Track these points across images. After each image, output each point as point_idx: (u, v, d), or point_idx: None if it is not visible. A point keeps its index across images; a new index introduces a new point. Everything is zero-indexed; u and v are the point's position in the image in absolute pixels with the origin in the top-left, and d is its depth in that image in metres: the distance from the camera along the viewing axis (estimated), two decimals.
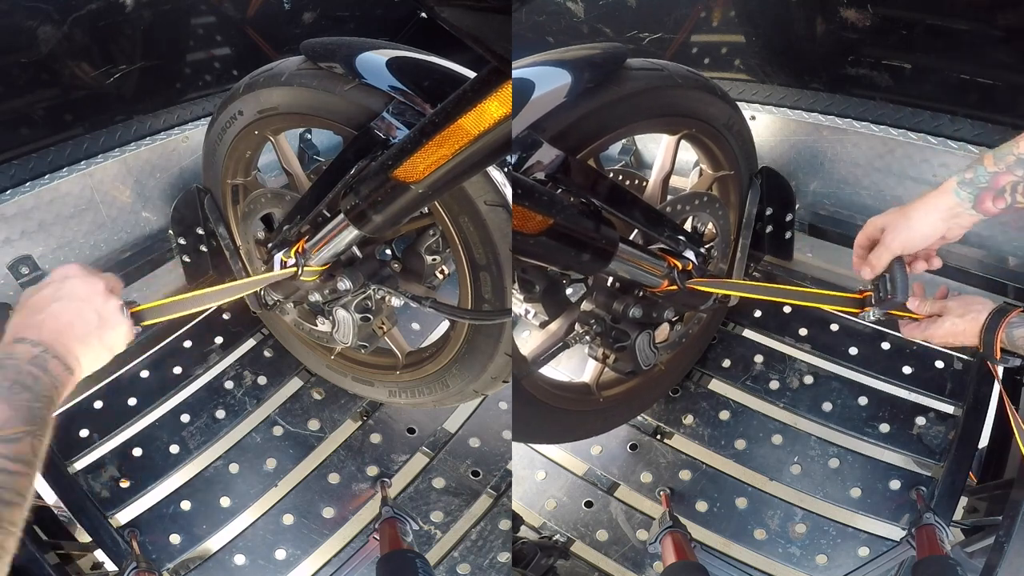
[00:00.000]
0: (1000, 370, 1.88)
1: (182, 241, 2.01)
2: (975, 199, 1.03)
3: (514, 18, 1.48)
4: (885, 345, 1.96)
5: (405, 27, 2.79)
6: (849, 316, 1.94)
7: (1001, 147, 1.04)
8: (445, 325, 1.88)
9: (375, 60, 1.43)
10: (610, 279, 1.59)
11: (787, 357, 2.01)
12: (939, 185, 1.08)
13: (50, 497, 1.80)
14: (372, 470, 1.95)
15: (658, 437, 2.01)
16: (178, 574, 1.76)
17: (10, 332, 0.92)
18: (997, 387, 1.86)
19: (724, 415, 1.96)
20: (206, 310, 2.08)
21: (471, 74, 1.32)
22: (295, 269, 1.53)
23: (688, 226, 1.69)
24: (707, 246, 1.62)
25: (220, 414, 2.00)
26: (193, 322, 2.10)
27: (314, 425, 2.02)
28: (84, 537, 1.79)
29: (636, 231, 1.52)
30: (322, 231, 1.48)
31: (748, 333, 2.10)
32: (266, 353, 2.13)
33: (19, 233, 1.82)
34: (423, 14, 2.63)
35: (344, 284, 1.58)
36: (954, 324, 1.15)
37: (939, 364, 1.89)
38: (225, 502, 1.85)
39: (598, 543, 1.89)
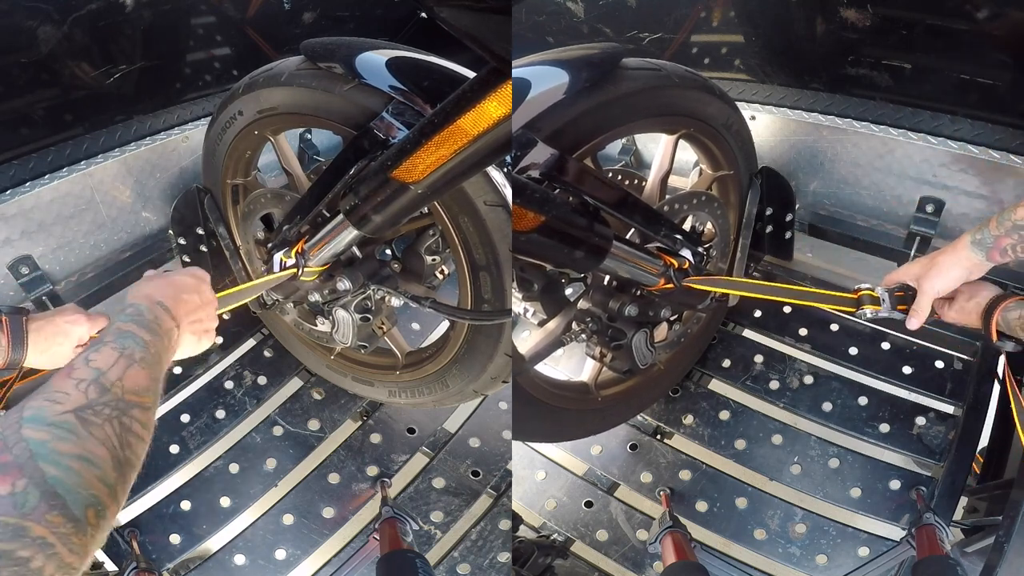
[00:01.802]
0: (1000, 370, 1.89)
1: (182, 241, 2.01)
2: (986, 255, 1.26)
3: (514, 18, 1.47)
4: (885, 345, 1.96)
5: (405, 27, 2.79)
6: (849, 316, 1.94)
7: (1003, 212, 1.24)
8: (445, 325, 1.88)
9: (375, 60, 1.43)
10: (607, 277, 1.59)
11: (787, 357, 2.01)
12: (955, 240, 1.31)
13: None
14: (372, 470, 1.95)
15: (658, 437, 2.01)
16: (178, 574, 1.77)
17: (151, 289, 0.98)
18: (997, 387, 1.87)
19: (724, 415, 1.96)
20: None
21: (471, 74, 1.32)
22: (295, 269, 1.53)
23: (687, 226, 1.70)
24: (706, 246, 1.62)
25: (220, 414, 2.00)
26: None
27: (314, 425, 2.02)
28: None
29: (633, 230, 1.52)
30: (322, 231, 1.48)
31: (748, 333, 2.10)
32: (266, 353, 2.13)
33: (19, 233, 1.82)
34: (423, 14, 2.63)
35: (344, 284, 1.58)
36: (962, 307, 1.33)
37: (939, 364, 1.89)
38: (225, 502, 1.85)
39: (598, 543, 1.89)
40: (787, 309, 2.07)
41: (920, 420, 1.82)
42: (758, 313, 2.10)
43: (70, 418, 0.69)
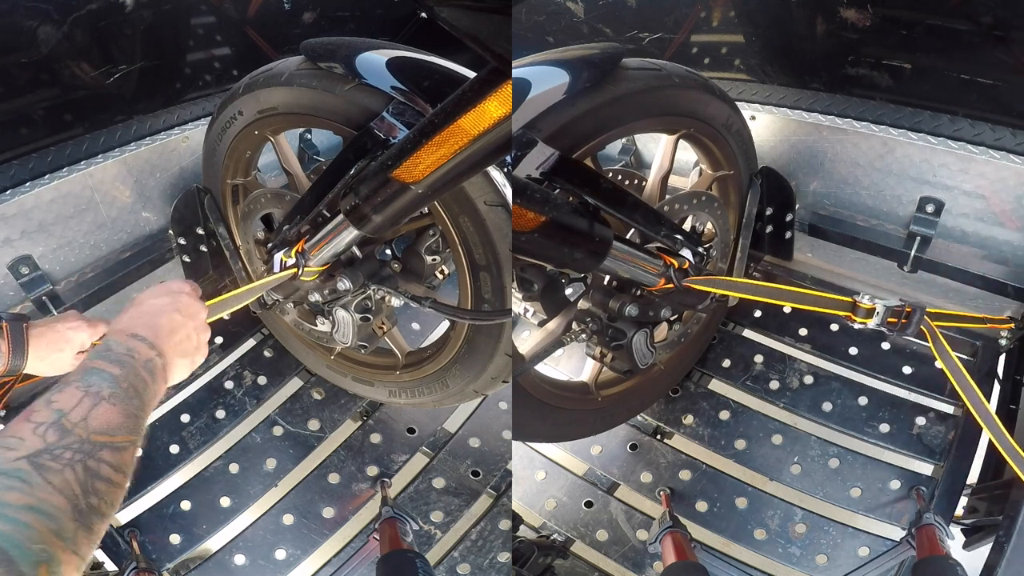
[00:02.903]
0: (1000, 370, 1.90)
1: (182, 241, 2.01)
2: None
3: (514, 18, 1.47)
4: (885, 345, 1.96)
5: (405, 27, 2.79)
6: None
7: None
8: (445, 325, 1.88)
9: (375, 60, 1.43)
10: (607, 277, 1.59)
11: (787, 357, 2.01)
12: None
13: None
14: (372, 470, 1.95)
15: (658, 437, 2.01)
16: (178, 574, 1.76)
17: (125, 323, 0.93)
18: (997, 387, 1.87)
19: (724, 415, 1.96)
20: None
21: (471, 74, 1.32)
22: (295, 270, 1.53)
23: (687, 226, 1.70)
24: (706, 246, 1.62)
25: (220, 414, 2.00)
26: None
27: (314, 425, 2.02)
28: None
29: (633, 230, 1.52)
30: (322, 231, 1.48)
31: (748, 333, 2.10)
32: (266, 353, 2.13)
33: (19, 233, 1.82)
34: (423, 14, 2.63)
35: (344, 284, 1.58)
36: None
37: (939, 364, 1.89)
38: (225, 502, 1.85)
39: (598, 543, 1.89)
40: (787, 309, 2.07)
41: (920, 420, 1.82)
42: (758, 313, 2.10)
43: (22, 465, 0.64)
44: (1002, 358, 1.90)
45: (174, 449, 1.91)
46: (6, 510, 0.60)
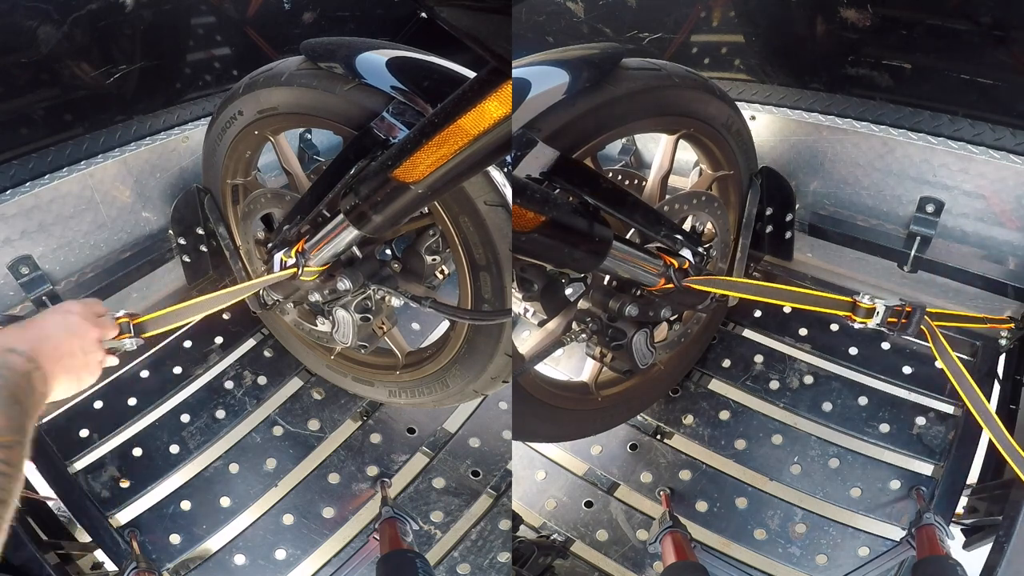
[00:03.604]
0: (1000, 370, 1.90)
1: (182, 241, 2.01)
2: None
3: (514, 18, 1.48)
4: (885, 345, 1.96)
5: (405, 27, 2.79)
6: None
7: None
8: (445, 325, 1.88)
9: (375, 60, 1.43)
10: (607, 277, 1.59)
11: (787, 357, 2.01)
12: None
13: (51, 497, 1.80)
14: (372, 470, 1.95)
15: (658, 437, 2.01)
16: (178, 574, 1.77)
17: (6, 338, 0.98)
18: (997, 387, 1.87)
19: (724, 415, 1.96)
20: None
21: (471, 74, 1.32)
22: (294, 269, 1.53)
23: (687, 226, 1.70)
24: (706, 246, 1.62)
25: (220, 414, 2.00)
26: (193, 322, 2.10)
27: (314, 425, 2.02)
28: (84, 537, 1.79)
29: (633, 230, 1.52)
30: (322, 231, 1.48)
31: (748, 333, 2.10)
32: (266, 353, 2.13)
33: (19, 233, 1.82)
34: (423, 14, 2.63)
35: (344, 284, 1.58)
36: None
37: (939, 364, 1.89)
38: (225, 502, 1.85)
39: (598, 543, 1.89)
40: (787, 309, 2.07)
41: (920, 420, 1.82)
42: (758, 313, 2.10)
43: None
44: (1002, 358, 1.90)
45: (174, 449, 1.91)
46: None
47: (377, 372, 1.89)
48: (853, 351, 1.97)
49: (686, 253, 1.54)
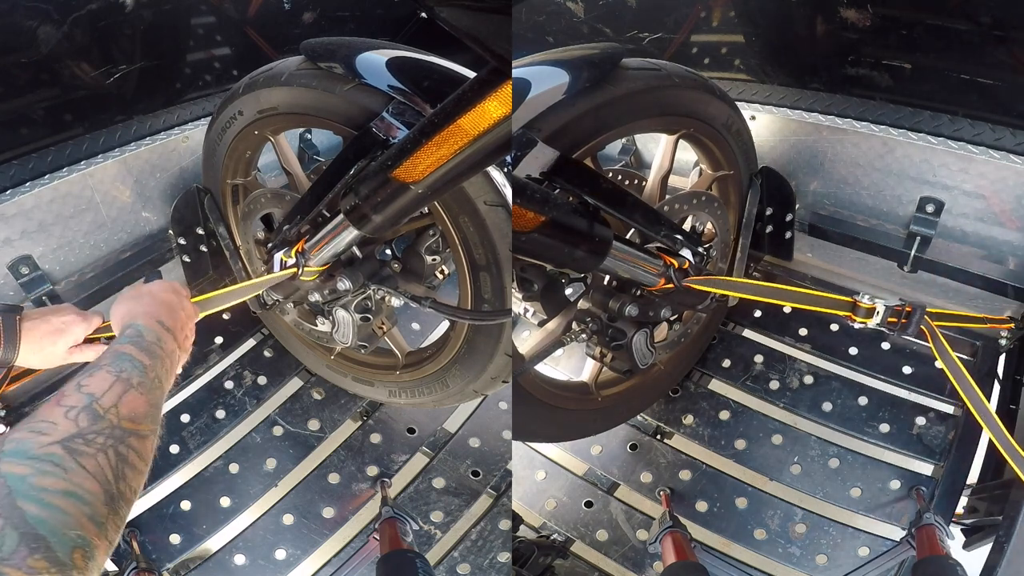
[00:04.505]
0: (1000, 370, 1.90)
1: (182, 241, 2.01)
2: None
3: (514, 18, 1.48)
4: (885, 345, 1.96)
5: (405, 27, 2.79)
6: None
7: None
8: (445, 325, 1.88)
9: (375, 60, 1.43)
10: (607, 277, 1.59)
11: (787, 357, 2.01)
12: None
13: None
14: (372, 470, 1.95)
15: (658, 437, 2.01)
16: (178, 574, 1.76)
17: (147, 309, 0.93)
18: (997, 387, 1.87)
19: (724, 415, 1.96)
20: None
21: (471, 74, 1.32)
22: (294, 270, 1.53)
23: (687, 226, 1.69)
24: (706, 246, 1.62)
25: (220, 414, 2.00)
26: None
27: (314, 425, 2.02)
28: None
29: (633, 230, 1.52)
30: (322, 231, 1.48)
31: (748, 333, 2.10)
32: (266, 353, 2.13)
33: (19, 233, 1.82)
34: (423, 14, 2.63)
35: (344, 284, 1.58)
36: None
37: (939, 364, 1.89)
38: (225, 502, 1.85)
39: (598, 543, 1.89)
40: (787, 309, 2.07)
41: (920, 420, 1.82)
42: (758, 313, 2.10)
43: (56, 450, 0.63)
44: (1002, 358, 1.90)
45: (174, 449, 1.91)
46: (42, 495, 0.59)
47: (377, 372, 1.89)
48: (853, 351, 1.97)
49: (686, 253, 1.54)
